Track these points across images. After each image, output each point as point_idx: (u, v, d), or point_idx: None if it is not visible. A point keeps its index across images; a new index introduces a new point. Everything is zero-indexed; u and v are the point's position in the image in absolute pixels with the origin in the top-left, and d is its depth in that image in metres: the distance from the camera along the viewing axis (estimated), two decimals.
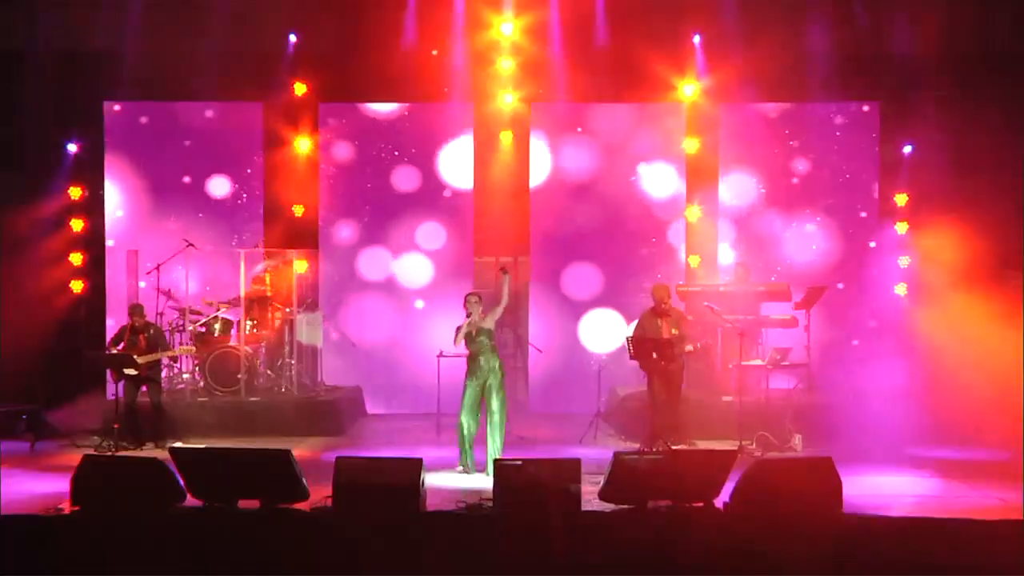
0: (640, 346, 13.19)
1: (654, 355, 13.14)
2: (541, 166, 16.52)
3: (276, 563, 9.64)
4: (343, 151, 16.57)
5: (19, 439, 13.94)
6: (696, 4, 15.99)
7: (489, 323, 12.18)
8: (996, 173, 14.30)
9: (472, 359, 12.19)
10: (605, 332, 16.41)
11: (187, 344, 14.75)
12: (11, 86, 15.47)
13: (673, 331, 13.23)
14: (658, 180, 16.48)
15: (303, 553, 9.75)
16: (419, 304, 16.44)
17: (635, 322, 13.72)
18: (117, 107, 16.24)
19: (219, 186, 16.31)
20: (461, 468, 12.08)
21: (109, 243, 16.22)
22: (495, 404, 12.20)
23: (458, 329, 12.14)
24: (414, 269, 16.54)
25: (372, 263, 16.54)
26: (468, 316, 12.22)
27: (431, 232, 16.54)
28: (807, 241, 16.26)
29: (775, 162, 16.27)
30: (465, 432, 12.12)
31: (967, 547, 9.73)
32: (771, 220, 16.24)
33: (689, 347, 13.37)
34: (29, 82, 15.51)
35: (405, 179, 16.51)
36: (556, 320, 16.54)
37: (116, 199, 16.26)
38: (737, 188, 16.33)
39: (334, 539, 9.82)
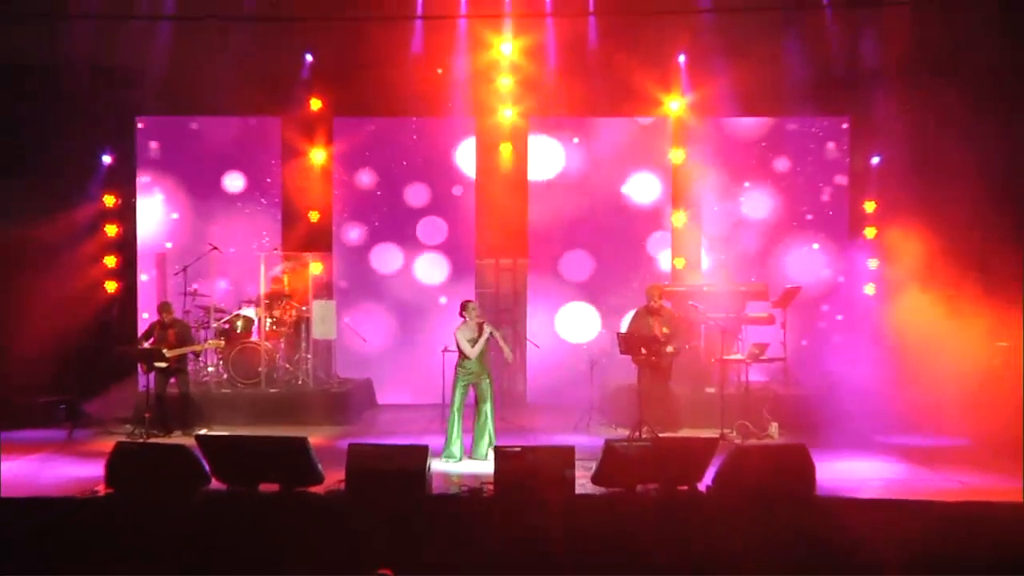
0: (631, 342, 13.22)
1: (643, 351, 13.17)
2: (538, 175, 16.50)
3: (293, 542, 9.66)
4: (355, 162, 16.53)
5: (58, 427, 14.01)
6: (681, 26, 15.98)
7: (487, 335, 12.21)
8: (957, 182, 14.31)
9: (467, 362, 12.21)
10: (583, 324, 16.37)
11: (213, 339, 14.81)
12: (49, 100, 15.45)
13: (664, 329, 13.25)
14: (646, 189, 16.46)
15: (318, 533, 9.78)
16: (443, 300, 16.33)
17: (628, 317, 13.74)
18: (145, 123, 16.21)
19: (241, 194, 16.28)
20: (445, 458, 11.97)
21: (140, 246, 16.21)
22: (488, 400, 12.23)
23: (474, 340, 12.12)
24: (420, 270, 16.53)
25: (382, 265, 16.54)
26: (464, 321, 12.24)
27: (436, 236, 16.52)
28: (784, 245, 16.24)
29: (754, 172, 16.26)
30: (456, 425, 12.13)
31: (929, 526, 9.77)
32: (750, 226, 16.23)
33: (670, 348, 13.37)
34: (65, 97, 15.48)
35: (412, 188, 16.48)
36: (552, 318, 16.53)
37: (146, 206, 16.22)
38: (719, 196, 16.32)
39: (347, 520, 9.85)
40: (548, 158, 16.53)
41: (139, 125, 16.22)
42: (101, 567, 8.03)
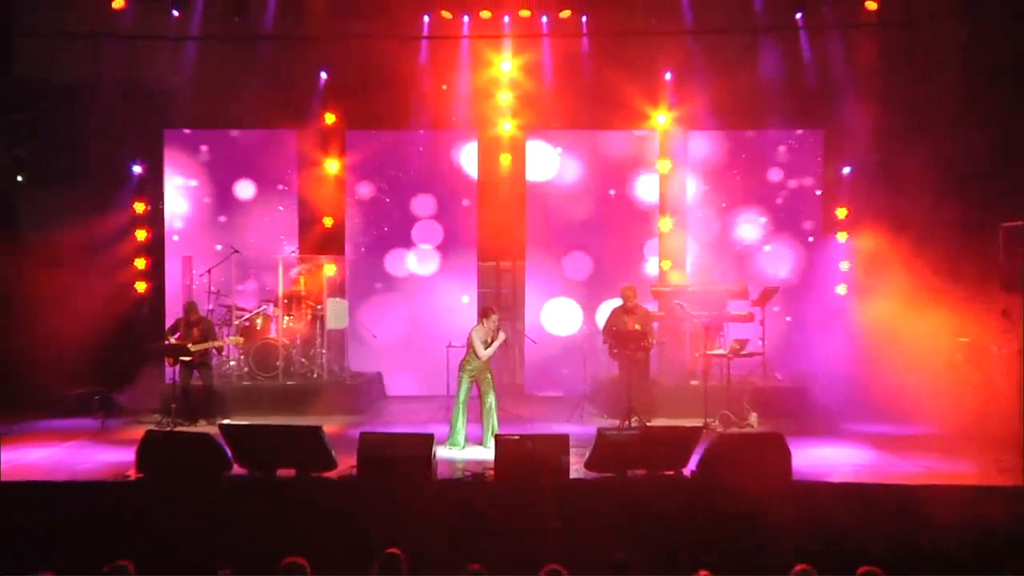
0: (619, 338, 13.19)
1: (617, 349, 13.13)
2: (534, 184, 16.50)
3: (309, 521, 9.68)
4: (366, 171, 16.52)
5: (92, 417, 13.99)
6: (668, 46, 16.03)
7: (499, 341, 12.21)
8: (922, 190, 14.34)
9: (473, 359, 12.19)
10: (566, 318, 16.35)
11: (234, 335, 14.82)
12: (85, 114, 15.46)
13: (637, 326, 13.21)
14: (635, 196, 16.45)
15: (331, 515, 9.79)
16: (464, 299, 16.30)
17: (601, 313, 13.70)
18: (172, 135, 16.21)
19: (260, 201, 16.25)
20: (449, 445, 11.94)
21: (168, 247, 16.20)
22: (491, 392, 12.23)
23: (487, 343, 12.11)
24: (427, 271, 16.52)
25: (391, 267, 16.52)
26: (482, 324, 12.22)
27: (442, 240, 16.51)
28: (762, 248, 16.24)
29: (735, 181, 16.26)
30: (461, 416, 12.13)
31: (896, 508, 9.82)
32: (732, 230, 16.23)
33: (649, 342, 13.32)
34: (100, 111, 15.50)
35: (419, 195, 16.47)
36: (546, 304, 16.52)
37: (174, 212, 16.22)
38: (703, 203, 16.33)
39: (358, 503, 9.86)
40: (545, 168, 16.51)
41: (174, 134, 16.16)
42: (131, 545, 8.03)
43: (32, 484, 10.34)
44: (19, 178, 15.50)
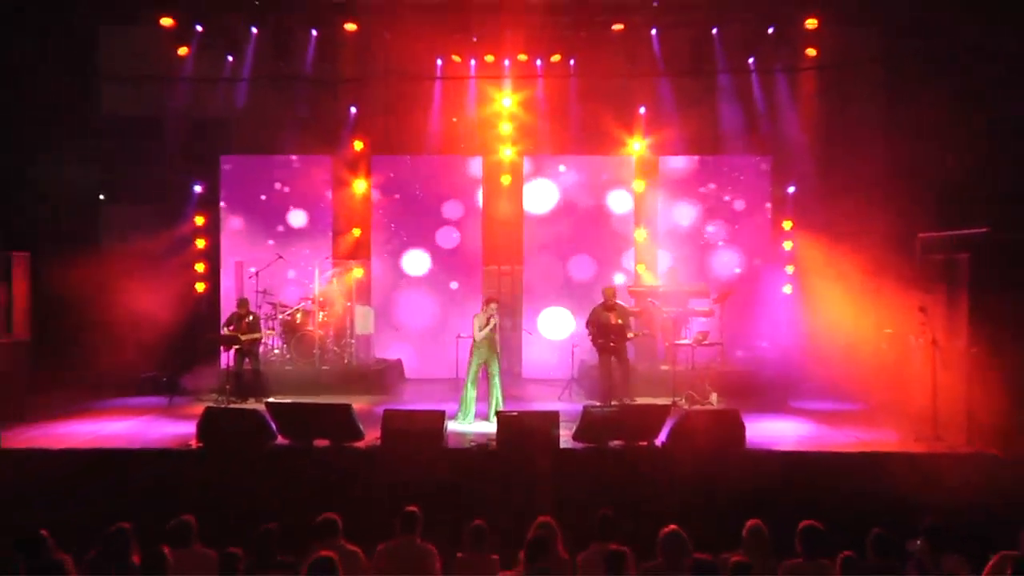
0: (602, 330, 13.21)
1: (611, 338, 13.14)
2: (531, 200, 16.52)
3: (341, 484, 9.71)
4: (388, 189, 16.54)
5: (160, 396, 14.03)
6: (642, 85, 16.09)
7: (491, 325, 12.21)
8: (854, 206, 14.42)
9: (480, 343, 12.20)
10: (558, 323, 16.30)
11: (274, 329, 14.86)
12: (155, 143, 15.52)
13: (618, 321, 13.23)
14: (614, 211, 16.46)
15: (360, 478, 9.83)
16: (453, 285, 16.30)
17: (590, 312, 13.72)
18: (228, 160, 16.23)
19: (300, 215, 16.25)
20: (460, 420, 11.90)
21: (223, 253, 16.21)
22: (497, 375, 12.24)
23: (483, 327, 12.09)
24: (439, 274, 16.52)
25: (410, 268, 16.52)
26: (482, 311, 12.23)
27: (452, 247, 16.51)
28: (721, 254, 16.25)
29: (698, 198, 16.27)
30: (469, 395, 12.14)
31: (832, 472, 9.87)
32: (696, 239, 16.25)
33: (631, 334, 13.40)
34: (169, 140, 15.59)
35: (433, 209, 16.46)
36: (543, 312, 16.55)
37: (228, 225, 16.25)
38: (672, 216, 16.34)
39: (382, 469, 9.89)
40: (539, 187, 16.51)
41: (228, 159, 16.19)
42: (192, 504, 8.06)
43: (112, 451, 10.40)
44: (101, 197, 15.54)
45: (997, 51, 12.61)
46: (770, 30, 15.41)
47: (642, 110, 16.29)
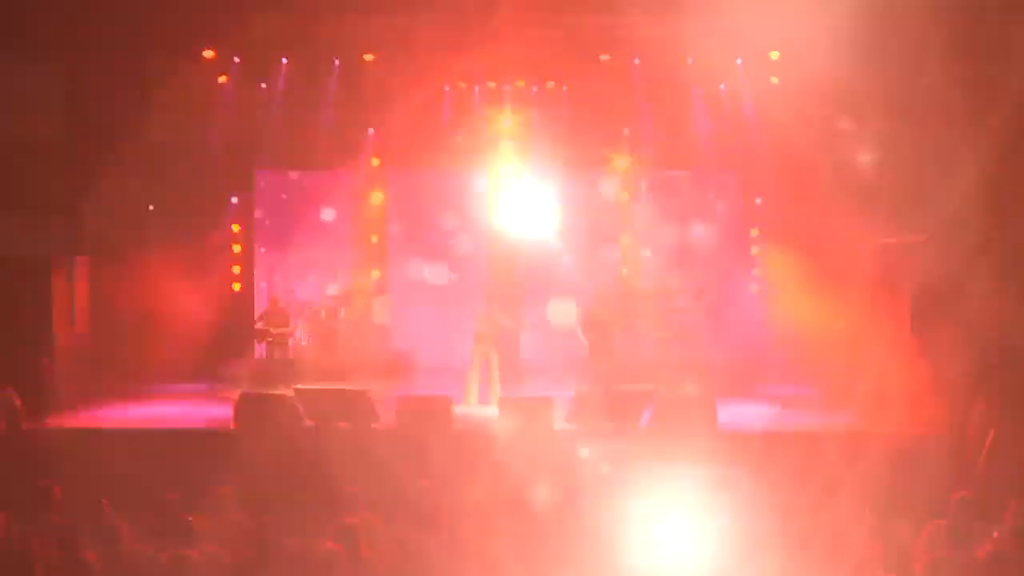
0: (588, 325, 13.19)
1: (592, 334, 13.15)
2: (530, 211, 16.48)
3: (360, 463, 9.71)
4: (403, 200, 16.54)
5: (202, 382, 14.11)
6: (625, 109, 16.02)
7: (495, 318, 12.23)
8: (817, 214, 14.39)
9: (482, 336, 12.22)
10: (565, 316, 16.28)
11: (301, 323, 14.85)
12: (199, 160, 15.53)
13: (607, 316, 13.19)
14: (603, 220, 16.45)
15: (378, 455, 9.83)
16: (453, 276, 16.32)
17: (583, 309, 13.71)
18: (261, 174, 16.27)
19: (325, 223, 16.30)
20: (464, 405, 11.93)
21: (256, 257, 16.29)
22: (495, 365, 12.25)
23: (480, 319, 12.17)
24: (449, 277, 16.53)
25: (422, 271, 16.53)
26: (483, 308, 12.26)
27: (460, 253, 16.50)
28: (697, 258, 16.26)
29: (676, 208, 16.28)
30: (472, 382, 12.15)
31: (796, 449, 9.87)
32: (675, 244, 16.25)
33: (619, 329, 13.40)
34: (209, 158, 15.59)
35: (442, 219, 16.48)
36: (539, 310, 16.49)
37: (261, 231, 16.25)
38: (653, 223, 16.34)
39: (397, 446, 9.92)
40: (537, 198, 16.47)
41: (262, 174, 16.24)
42: (229, 478, 8.09)
43: (160, 431, 10.45)
44: (151, 207, 15.60)
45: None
46: (738, 61, 15.42)
47: (626, 131, 16.24)
